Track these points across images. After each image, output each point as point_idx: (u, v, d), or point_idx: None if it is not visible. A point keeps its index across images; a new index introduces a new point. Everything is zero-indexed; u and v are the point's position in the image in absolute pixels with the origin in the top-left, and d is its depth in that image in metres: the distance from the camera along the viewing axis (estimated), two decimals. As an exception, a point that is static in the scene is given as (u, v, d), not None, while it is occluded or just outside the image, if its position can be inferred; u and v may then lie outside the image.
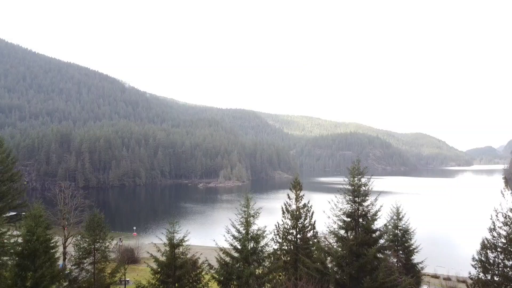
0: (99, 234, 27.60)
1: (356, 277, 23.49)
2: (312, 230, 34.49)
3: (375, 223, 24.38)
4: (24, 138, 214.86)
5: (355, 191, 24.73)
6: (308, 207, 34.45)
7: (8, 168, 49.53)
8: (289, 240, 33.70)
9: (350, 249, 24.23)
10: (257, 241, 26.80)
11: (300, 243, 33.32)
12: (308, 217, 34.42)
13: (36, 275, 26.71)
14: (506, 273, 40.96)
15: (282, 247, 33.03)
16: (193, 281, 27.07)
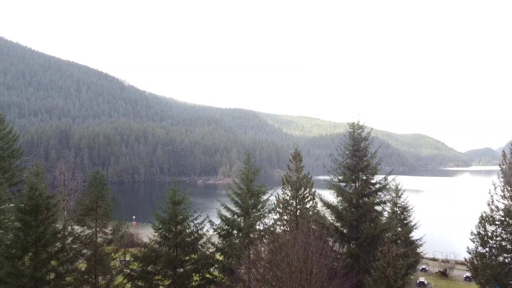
0: (101, 192, 27.76)
1: (355, 226, 23.73)
2: (312, 201, 34.67)
3: (374, 176, 24.65)
4: (23, 134, 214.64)
5: (355, 145, 24.99)
6: (308, 178, 34.64)
7: (9, 145, 49.71)
8: (289, 210, 33.93)
9: (350, 200, 24.48)
10: (257, 196, 27.04)
11: (300, 213, 33.52)
12: (308, 187, 34.57)
13: (38, 230, 26.90)
14: (504, 245, 41.26)
15: (282, 217, 33.25)
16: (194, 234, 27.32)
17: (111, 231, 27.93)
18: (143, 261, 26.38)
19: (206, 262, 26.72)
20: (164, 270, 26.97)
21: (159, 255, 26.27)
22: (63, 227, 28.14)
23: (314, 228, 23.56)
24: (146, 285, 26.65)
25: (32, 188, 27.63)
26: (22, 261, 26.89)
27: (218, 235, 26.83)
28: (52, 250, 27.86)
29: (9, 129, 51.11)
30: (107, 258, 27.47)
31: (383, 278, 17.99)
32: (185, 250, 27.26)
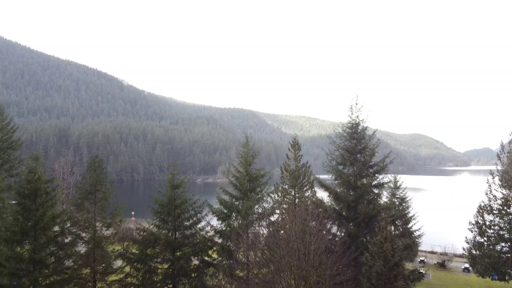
0: (100, 176, 27.83)
1: (353, 207, 23.84)
2: (310, 189, 34.80)
3: (372, 158, 24.74)
4: (22, 132, 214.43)
5: (353, 127, 25.09)
6: (306, 167, 34.75)
7: (8, 136, 49.74)
8: (287, 199, 34.02)
9: (348, 181, 24.59)
10: (256, 180, 27.14)
11: (298, 202, 33.62)
12: (307, 176, 34.68)
13: (37, 213, 26.96)
14: (502, 235, 41.40)
15: (280, 205, 33.35)
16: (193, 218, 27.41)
17: (110, 214, 28.00)
18: (142, 244, 26.45)
19: (205, 245, 26.81)
20: (163, 254, 27.05)
21: (157, 238, 26.34)
22: (62, 211, 28.20)
23: (312, 208, 23.73)
24: (144, 268, 26.73)
25: (31, 172, 27.69)
26: (21, 244, 26.97)
27: (217, 217, 26.93)
28: (51, 234, 27.94)
29: (8, 120, 51.14)
30: (106, 241, 27.55)
31: (381, 253, 18.09)
32: (184, 234, 27.35)
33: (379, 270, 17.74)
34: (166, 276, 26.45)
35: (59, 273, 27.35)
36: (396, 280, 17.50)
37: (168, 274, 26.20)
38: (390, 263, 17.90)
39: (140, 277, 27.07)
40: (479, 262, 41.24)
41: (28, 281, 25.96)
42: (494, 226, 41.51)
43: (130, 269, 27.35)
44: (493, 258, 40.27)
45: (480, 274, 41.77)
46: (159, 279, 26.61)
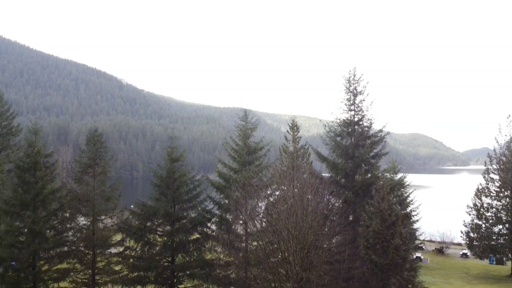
0: (99, 149, 27.93)
1: (351, 176, 24.00)
2: (309, 171, 34.93)
3: (370, 129, 24.87)
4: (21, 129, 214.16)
5: (350, 99, 25.25)
6: (305, 149, 34.91)
7: (7, 122, 49.88)
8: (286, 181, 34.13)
9: (346, 152, 24.75)
10: (254, 152, 27.27)
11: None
12: (305, 157, 34.84)
13: (37, 186, 27.08)
14: (500, 217, 41.60)
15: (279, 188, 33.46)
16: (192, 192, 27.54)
17: (109, 188, 28.11)
18: (141, 216, 26.56)
19: (204, 217, 26.94)
20: (162, 226, 27.18)
21: (156, 211, 26.45)
22: (61, 185, 28.32)
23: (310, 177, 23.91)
24: (143, 240, 26.84)
25: (30, 146, 27.81)
26: (21, 217, 27.07)
27: (215, 189, 27.07)
28: (51, 208, 28.05)
29: (7, 106, 51.28)
30: (105, 214, 27.67)
31: (377, 213, 18.23)
32: (183, 207, 27.47)
33: (376, 229, 17.88)
34: (165, 248, 26.58)
35: (59, 245, 27.49)
36: (393, 238, 17.64)
37: (167, 246, 26.32)
38: (387, 222, 18.05)
39: (139, 250, 27.20)
40: (477, 245, 41.49)
41: (27, 253, 26.06)
42: (492, 209, 41.78)
43: (129, 241, 27.49)
44: (490, 239, 40.52)
45: (478, 256, 42.03)
46: (158, 252, 26.73)
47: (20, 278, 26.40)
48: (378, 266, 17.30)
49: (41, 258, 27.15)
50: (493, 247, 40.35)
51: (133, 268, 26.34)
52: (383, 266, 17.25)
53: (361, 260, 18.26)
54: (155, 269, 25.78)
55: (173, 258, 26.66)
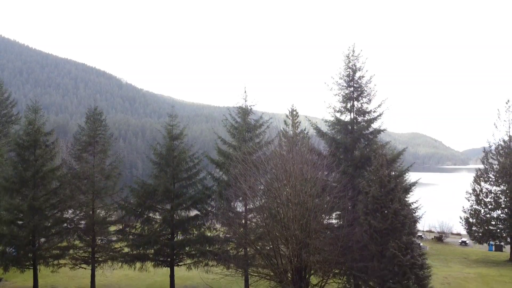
0: (99, 127, 27.97)
1: (350, 150, 24.07)
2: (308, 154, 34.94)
3: (370, 104, 24.90)
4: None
5: (350, 75, 25.29)
6: (304, 134, 34.95)
7: (7, 111, 49.96)
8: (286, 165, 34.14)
9: (346, 127, 24.81)
10: (254, 129, 27.31)
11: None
12: (305, 142, 34.86)
13: (36, 164, 27.12)
14: (499, 202, 41.67)
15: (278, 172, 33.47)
16: (192, 170, 27.58)
17: (109, 166, 28.13)
18: (140, 193, 26.56)
19: (204, 194, 26.99)
20: (162, 203, 27.21)
21: (156, 189, 26.49)
22: (62, 162, 28.35)
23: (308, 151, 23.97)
24: (143, 218, 26.89)
25: (30, 124, 27.87)
26: (21, 194, 27.11)
27: (215, 165, 27.12)
28: (51, 186, 28.07)
29: (7, 94, 51.34)
30: (105, 192, 27.69)
31: (376, 179, 18.30)
32: (183, 184, 27.51)
33: (375, 194, 17.94)
34: (164, 225, 26.62)
35: (59, 223, 27.53)
36: (392, 203, 17.70)
37: (166, 222, 26.36)
38: (386, 188, 18.11)
39: (139, 227, 27.25)
40: (476, 230, 41.59)
41: (27, 230, 26.09)
42: (490, 194, 41.90)
43: (129, 219, 27.53)
44: (489, 224, 40.63)
45: (478, 241, 42.11)
46: (158, 229, 26.74)
47: (20, 255, 26.48)
48: (377, 231, 17.35)
49: (41, 236, 27.20)
50: (492, 232, 40.45)
51: (132, 245, 26.39)
52: (382, 230, 17.30)
53: (360, 226, 18.31)
54: (154, 245, 25.82)
55: (173, 235, 26.70)
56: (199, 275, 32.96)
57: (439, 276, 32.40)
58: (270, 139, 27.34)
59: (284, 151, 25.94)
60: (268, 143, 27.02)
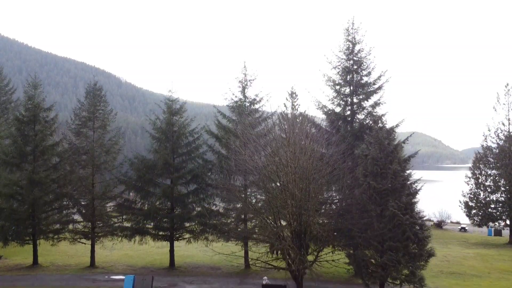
0: (99, 102, 27.99)
1: (350, 121, 24.13)
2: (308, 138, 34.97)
3: (369, 76, 24.91)
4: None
5: (349, 48, 25.33)
6: (304, 116, 34.94)
7: (7, 98, 49.91)
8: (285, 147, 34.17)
9: (345, 101, 24.87)
10: (253, 104, 27.33)
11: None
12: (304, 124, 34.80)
13: (36, 138, 27.15)
14: (499, 184, 41.73)
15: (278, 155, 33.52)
16: (191, 145, 27.60)
17: (109, 141, 28.15)
18: (140, 167, 26.55)
19: (204, 168, 27.02)
20: (161, 178, 27.22)
21: (156, 162, 26.52)
22: (62, 138, 28.38)
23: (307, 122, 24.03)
24: (143, 192, 26.90)
25: (30, 99, 27.91)
26: (21, 169, 27.12)
27: (215, 139, 27.15)
28: (51, 162, 28.09)
29: (7, 81, 51.35)
30: (105, 167, 27.70)
31: (376, 141, 18.32)
32: (183, 159, 27.51)
33: (375, 156, 17.97)
34: (164, 198, 26.63)
35: (59, 198, 27.53)
36: (391, 164, 17.73)
37: (166, 196, 26.36)
38: (386, 150, 18.14)
39: (139, 202, 27.25)
40: (476, 213, 41.65)
41: (27, 202, 26.07)
42: (490, 177, 41.97)
43: (129, 193, 27.54)
44: (489, 207, 40.69)
45: (477, 224, 42.15)
46: (157, 204, 26.70)
47: (20, 229, 26.49)
48: (377, 192, 17.38)
49: (41, 212, 27.20)
50: (492, 215, 40.51)
51: (132, 218, 26.40)
52: (381, 191, 17.32)
53: (360, 188, 18.33)
54: (154, 219, 25.82)
55: (173, 209, 26.71)
56: (199, 254, 33.08)
57: (438, 255, 32.35)
58: (269, 114, 27.31)
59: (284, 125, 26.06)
60: (267, 118, 26.99)
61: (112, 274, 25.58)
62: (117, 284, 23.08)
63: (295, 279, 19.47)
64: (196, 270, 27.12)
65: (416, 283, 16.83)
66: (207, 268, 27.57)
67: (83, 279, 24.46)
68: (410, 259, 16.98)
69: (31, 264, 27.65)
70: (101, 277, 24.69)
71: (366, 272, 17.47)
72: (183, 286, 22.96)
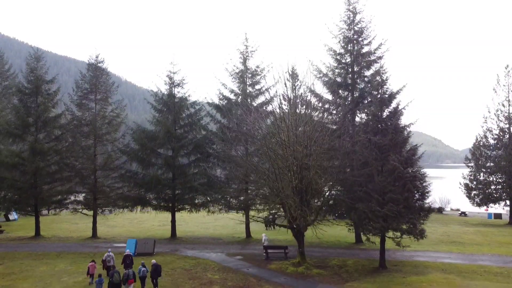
0: (101, 74, 28.13)
1: (351, 90, 24.29)
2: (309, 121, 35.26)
3: (369, 46, 25.00)
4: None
5: (350, 17, 25.43)
6: (304, 96, 35.08)
7: (8, 83, 49.96)
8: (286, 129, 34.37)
9: (346, 68, 25.01)
10: (255, 75, 27.46)
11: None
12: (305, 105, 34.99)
13: (39, 109, 27.30)
14: (499, 165, 41.80)
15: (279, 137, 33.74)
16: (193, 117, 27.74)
17: (111, 112, 28.29)
18: (141, 136, 26.66)
19: (206, 138, 27.15)
20: (163, 148, 27.33)
21: (157, 133, 26.66)
22: (64, 110, 28.53)
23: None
24: (145, 162, 27.02)
25: (32, 72, 28.05)
26: (23, 139, 27.26)
27: (216, 110, 27.29)
28: (53, 134, 28.22)
29: (8, 66, 51.46)
30: (106, 138, 27.84)
31: (377, 99, 18.45)
32: (184, 130, 27.63)
33: (376, 113, 18.14)
34: (166, 167, 26.75)
35: (62, 168, 27.64)
36: (391, 119, 17.90)
37: (168, 165, 26.48)
38: (387, 107, 18.31)
39: (141, 173, 27.36)
40: (476, 194, 41.76)
41: (30, 171, 26.13)
42: (490, 157, 42.07)
43: (131, 164, 27.67)
44: (489, 187, 40.80)
45: (477, 205, 42.25)
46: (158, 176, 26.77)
47: (22, 199, 26.61)
48: (378, 147, 17.48)
49: (44, 183, 27.32)
50: (492, 195, 40.62)
51: (134, 187, 26.52)
52: (382, 146, 17.42)
53: (361, 143, 18.43)
54: (155, 187, 25.88)
55: (174, 177, 26.81)
56: (200, 230, 33.25)
57: (438, 231, 32.64)
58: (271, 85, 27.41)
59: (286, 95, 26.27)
60: (268, 88, 27.07)
61: (114, 243, 25.70)
62: (120, 250, 23.23)
63: (296, 237, 19.60)
64: (198, 240, 27.25)
65: (416, 235, 16.95)
66: (208, 239, 27.70)
67: (85, 246, 24.57)
68: (411, 211, 17.09)
69: (33, 236, 27.75)
70: (103, 245, 24.82)
71: (367, 224, 17.59)
72: (185, 251, 23.08)
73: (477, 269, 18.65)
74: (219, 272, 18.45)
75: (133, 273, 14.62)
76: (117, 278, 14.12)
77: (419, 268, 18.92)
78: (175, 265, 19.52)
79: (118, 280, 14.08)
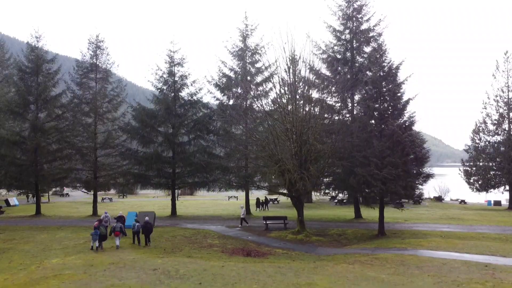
0: (101, 52, 28.24)
1: (350, 66, 24.42)
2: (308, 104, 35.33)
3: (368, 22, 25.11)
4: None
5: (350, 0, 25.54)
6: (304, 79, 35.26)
7: (9, 72, 50.04)
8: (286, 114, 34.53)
9: (345, 44, 25.12)
10: (256, 54, 27.57)
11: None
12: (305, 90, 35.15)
13: (39, 88, 27.43)
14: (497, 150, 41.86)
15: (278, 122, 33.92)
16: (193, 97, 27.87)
17: (111, 91, 28.41)
18: (142, 114, 26.78)
19: (206, 116, 27.29)
20: (163, 126, 27.45)
21: (158, 111, 26.79)
22: (65, 89, 28.65)
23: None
24: (145, 139, 27.13)
25: (32, 51, 28.17)
26: (24, 118, 27.37)
27: (217, 89, 27.42)
28: (54, 113, 28.32)
29: (9, 55, 51.54)
30: (107, 117, 27.95)
31: (376, 62, 18.58)
32: (185, 107, 27.73)
33: (374, 78, 18.24)
34: (166, 145, 26.86)
35: (62, 146, 27.75)
36: (388, 84, 18.02)
37: (168, 142, 26.58)
38: (384, 69, 18.41)
39: (141, 152, 27.47)
40: (476, 179, 41.85)
41: (30, 147, 26.21)
42: (489, 143, 42.18)
43: (131, 141, 27.77)
44: (488, 172, 40.89)
45: (477, 190, 42.33)
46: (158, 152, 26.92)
47: (23, 176, 26.70)
48: (376, 112, 17.60)
49: (45, 161, 27.42)
50: (491, 180, 40.70)
51: (134, 163, 26.63)
52: (380, 111, 17.54)
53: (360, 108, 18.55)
54: (156, 164, 25.99)
55: (174, 154, 26.92)
56: (199, 212, 33.35)
57: (438, 213, 32.77)
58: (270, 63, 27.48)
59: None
60: (268, 66, 27.13)
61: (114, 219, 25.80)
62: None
63: (296, 205, 19.72)
64: (198, 218, 27.36)
65: (415, 197, 17.05)
66: (208, 217, 27.81)
67: (86, 222, 24.68)
68: (409, 175, 17.20)
69: (34, 214, 27.84)
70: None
71: (366, 187, 17.70)
72: (185, 225, 23.20)
73: (475, 235, 18.78)
74: (219, 238, 18.59)
75: (120, 226, 15.60)
76: (103, 230, 15.55)
77: (418, 235, 19.04)
78: (175, 233, 19.67)
79: (104, 232, 15.52)
